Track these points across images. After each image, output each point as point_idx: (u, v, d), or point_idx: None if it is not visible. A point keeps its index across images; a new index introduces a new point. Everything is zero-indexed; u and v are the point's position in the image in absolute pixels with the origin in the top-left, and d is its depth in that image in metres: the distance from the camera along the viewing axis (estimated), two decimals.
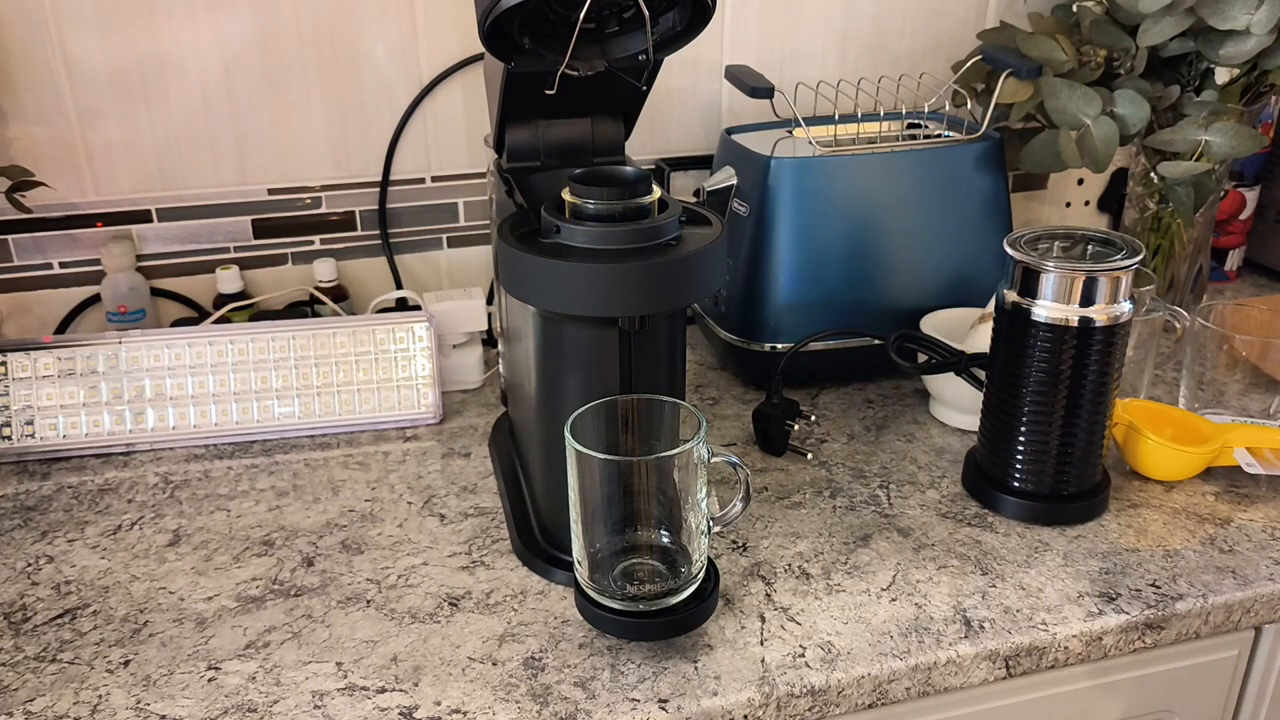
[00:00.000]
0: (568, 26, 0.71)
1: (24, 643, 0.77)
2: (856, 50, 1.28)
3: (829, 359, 1.10)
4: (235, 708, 0.70)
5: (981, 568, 0.84)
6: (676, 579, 0.75)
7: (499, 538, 0.89)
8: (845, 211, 1.06)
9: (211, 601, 0.81)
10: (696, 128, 1.26)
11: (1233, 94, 1.12)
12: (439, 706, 0.71)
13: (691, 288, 0.75)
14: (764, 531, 0.89)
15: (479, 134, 1.19)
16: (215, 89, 1.11)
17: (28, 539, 0.89)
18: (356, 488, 0.96)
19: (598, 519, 0.74)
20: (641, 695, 0.71)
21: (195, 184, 1.14)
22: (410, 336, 1.06)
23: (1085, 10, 1.14)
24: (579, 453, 0.71)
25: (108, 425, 1.01)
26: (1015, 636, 0.77)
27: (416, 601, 0.81)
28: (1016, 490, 0.91)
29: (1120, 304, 0.85)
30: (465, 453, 1.02)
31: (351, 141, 1.17)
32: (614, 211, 0.74)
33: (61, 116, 1.08)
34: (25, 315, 1.15)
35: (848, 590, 0.82)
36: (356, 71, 1.14)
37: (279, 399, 1.03)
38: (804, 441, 1.03)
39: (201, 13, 1.07)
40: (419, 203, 1.21)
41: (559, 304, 0.74)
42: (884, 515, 0.91)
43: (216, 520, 0.91)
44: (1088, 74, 1.12)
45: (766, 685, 0.72)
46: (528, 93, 0.78)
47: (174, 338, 1.03)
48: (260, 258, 1.19)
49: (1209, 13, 1.03)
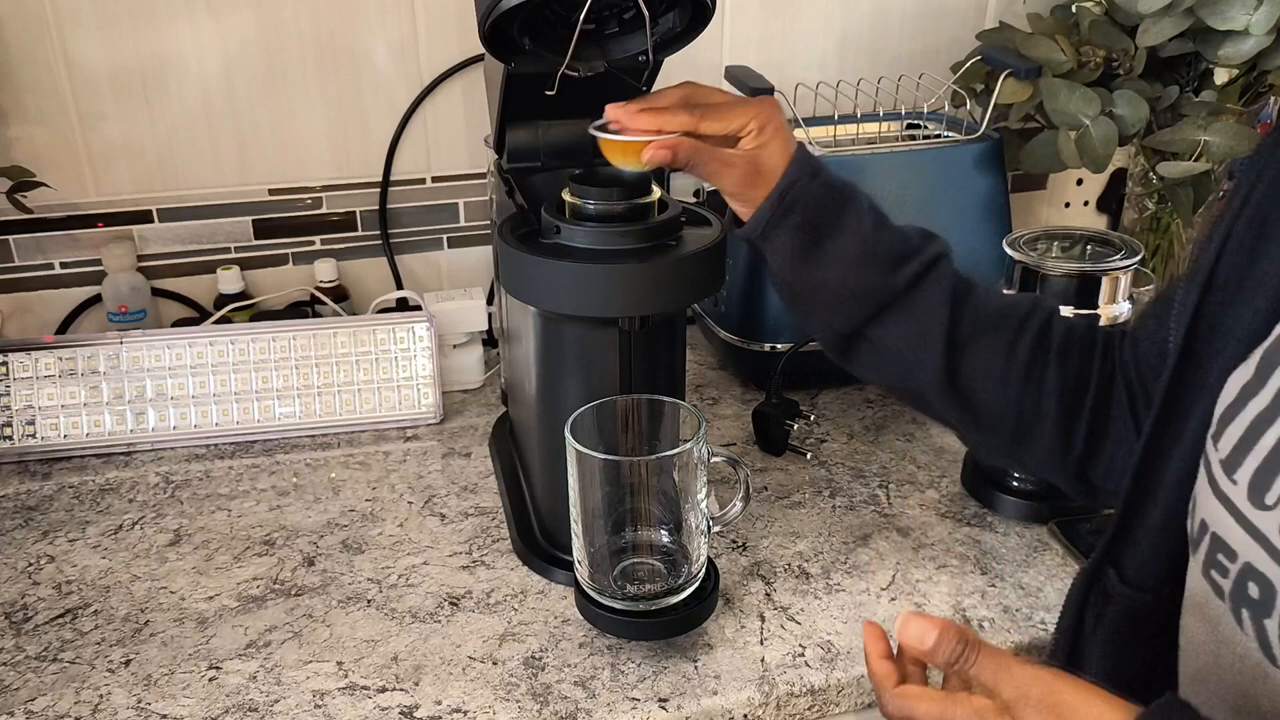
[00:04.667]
0: (568, 27, 0.71)
1: (25, 642, 0.77)
2: (856, 51, 1.28)
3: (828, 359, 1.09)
4: (236, 707, 0.71)
5: (981, 567, 0.85)
6: (676, 579, 0.75)
7: (499, 537, 0.89)
8: None
9: (212, 601, 0.81)
10: None
11: (1231, 94, 1.12)
12: (439, 706, 0.71)
13: (691, 288, 0.75)
14: (764, 531, 0.89)
15: (479, 134, 1.19)
16: (216, 89, 1.11)
17: (29, 539, 0.89)
18: (357, 487, 0.96)
19: (598, 519, 0.74)
20: (641, 695, 0.71)
21: (196, 184, 1.14)
22: (411, 336, 1.06)
23: (1084, 11, 1.14)
24: (579, 453, 0.71)
25: (109, 425, 1.01)
26: (1015, 636, 0.77)
27: (417, 601, 0.81)
28: (1016, 490, 0.91)
29: (1119, 304, 0.85)
30: (466, 453, 1.02)
31: (352, 142, 1.17)
32: (614, 212, 0.74)
33: (62, 117, 1.08)
34: (26, 315, 1.15)
35: (847, 590, 0.82)
36: (357, 72, 1.14)
37: (280, 399, 1.04)
38: (804, 441, 1.03)
39: (202, 13, 1.07)
40: (419, 203, 1.21)
41: (559, 304, 0.74)
42: (883, 515, 0.92)
43: (217, 520, 0.92)
44: (1087, 75, 1.12)
45: (766, 684, 0.72)
46: (528, 93, 0.78)
47: (175, 338, 1.03)
48: (261, 258, 1.19)
49: (1208, 13, 1.03)
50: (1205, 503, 0.53)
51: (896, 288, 0.70)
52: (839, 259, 0.70)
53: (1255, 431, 0.51)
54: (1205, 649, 0.54)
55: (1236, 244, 0.57)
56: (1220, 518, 0.52)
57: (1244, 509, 0.50)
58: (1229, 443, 0.52)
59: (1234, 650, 0.51)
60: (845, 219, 0.71)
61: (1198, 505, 0.54)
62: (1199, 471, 0.55)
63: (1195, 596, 0.55)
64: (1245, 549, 0.50)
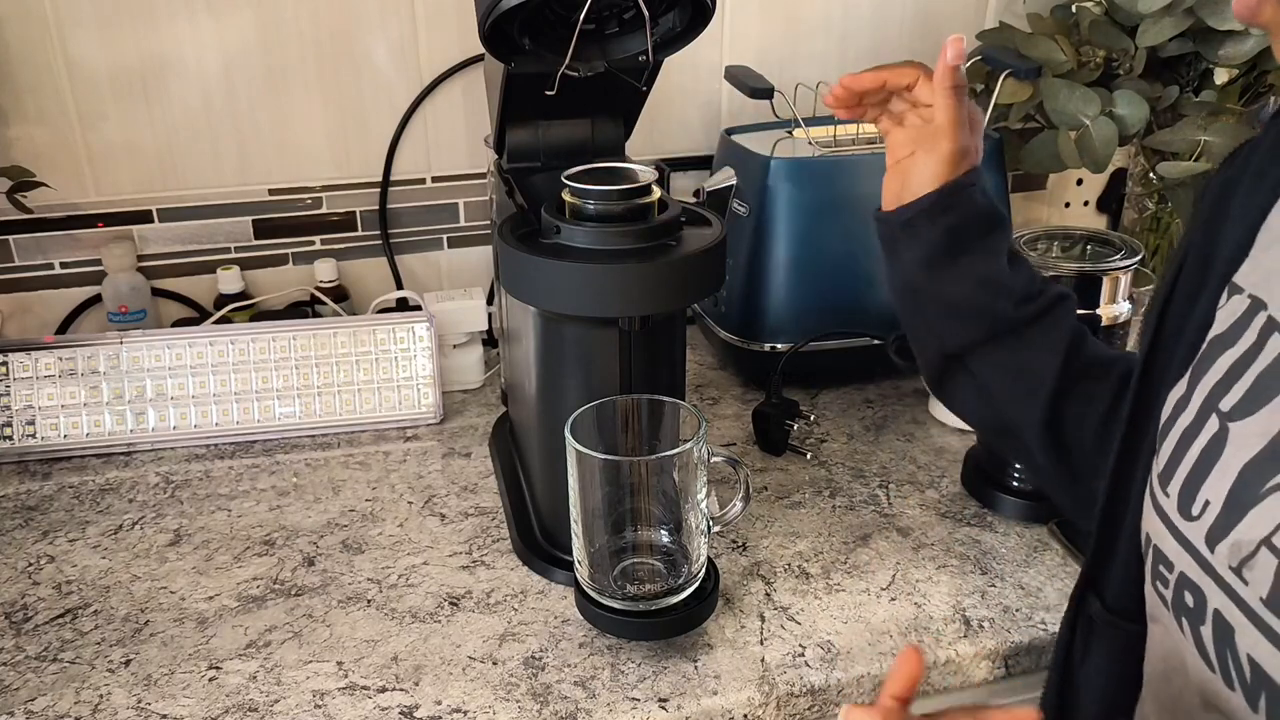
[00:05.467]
0: (568, 27, 0.71)
1: (25, 642, 0.77)
2: (856, 51, 1.28)
3: (829, 359, 1.10)
4: (236, 707, 0.71)
5: (981, 567, 0.85)
6: (676, 579, 0.75)
7: (499, 537, 0.89)
8: (845, 212, 1.06)
9: (212, 601, 0.81)
10: (696, 128, 1.26)
11: (1231, 94, 1.12)
12: (439, 706, 0.71)
13: (691, 288, 0.75)
14: (764, 531, 0.89)
15: (479, 134, 1.19)
16: (216, 90, 1.11)
17: (29, 539, 0.89)
18: (357, 487, 0.96)
19: (598, 519, 0.74)
20: (641, 694, 0.71)
21: (196, 184, 1.14)
22: (411, 336, 1.06)
23: (1084, 11, 1.14)
24: (579, 453, 0.71)
25: (109, 425, 1.01)
26: (1014, 636, 0.77)
27: (417, 601, 0.81)
28: (1016, 490, 0.91)
29: (1119, 304, 0.85)
30: (465, 453, 1.02)
31: (352, 142, 1.17)
32: (614, 212, 0.74)
33: (63, 117, 1.08)
34: (26, 315, 1.15)
35: (847, 590, 0.82)
36: (357, 72, 1.14)
37: (280, 399, 1.04)
38: (804, 441, 1.03)
39: (202, 13, 1.07)
40: (419, 203, 1.21)
41: (559, 304, 0.74)
42: (883, 515, 0.92)
43: (217, 520, 0.92)
44: (1087, 74, 1.12)
45: (766, 684, 0.72)
46: (528, 93, 0.79)
47: (175, 338, 1.03)
48: (261, 258, 1.19)
49: (1208, 13, 1.03)
50: (1147, 516, 0.55)
51: (1018, 318, 0.70)
52: (970, 275, 0.70)
53: (1184, 444, 0.52)
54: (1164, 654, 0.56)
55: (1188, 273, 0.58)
56: (1158, 530, 0.53)
57: (1175, 520, 0.51)
58: (1164, 456, 0.54)
59: (1185, 656, 0.52)
60: (990, 240, 0.70)
61: (1144, 519, 0.56)
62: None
63: (1151, 607, 0.57)
64: (1179, 559, 0.51)
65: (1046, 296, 0.70)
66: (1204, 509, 0.50)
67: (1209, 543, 0.49)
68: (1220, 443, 0.50)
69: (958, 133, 0.70)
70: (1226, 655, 0.48)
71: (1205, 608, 0.49)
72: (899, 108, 0.74)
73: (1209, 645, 0.49)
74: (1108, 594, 0.61)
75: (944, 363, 0.73)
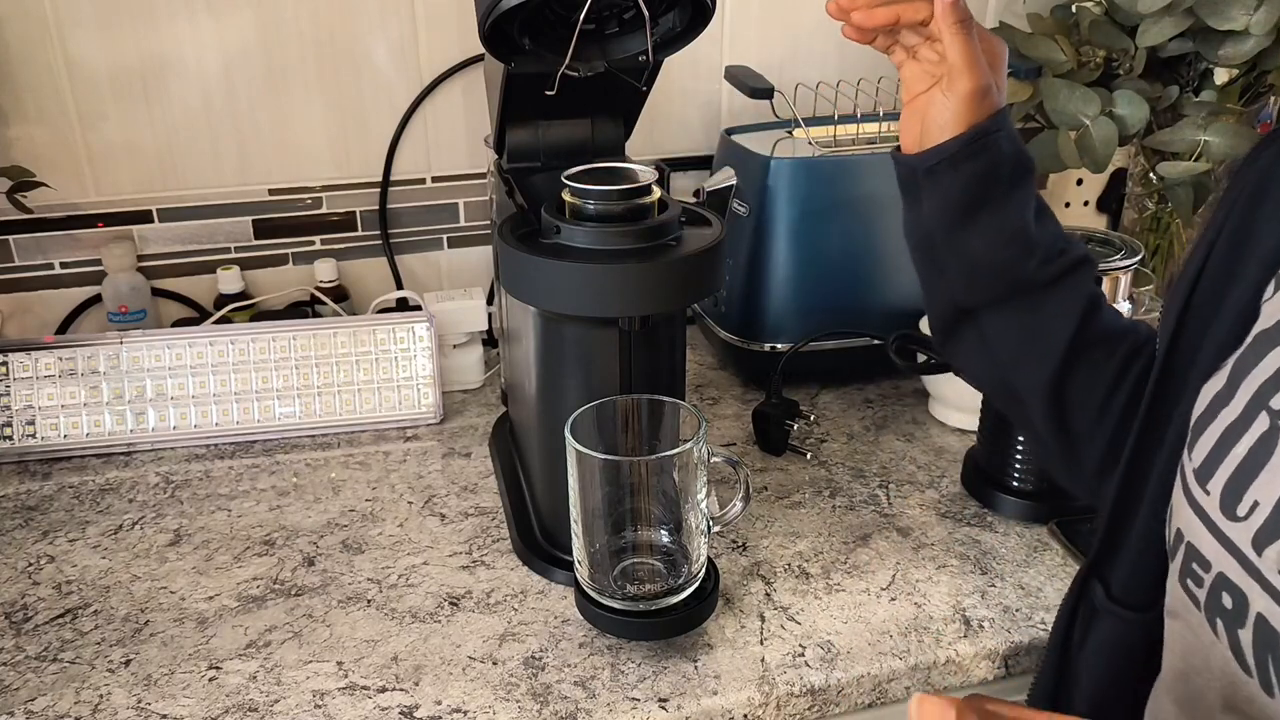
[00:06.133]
0: (568, 27, 0.71)
1: (25, 642, 0.77)
2: (856, 50, 1.27)
3: (829, 359, 1.10)
4: (236, 707, 0.71)
5: (981, 567, 0.85)
6: (676, 579, 0.75)
7: (499, 537, 0.89)
8: (845, 212, 1.06)
9: (212, 601, 0.81)
10: (696, 128, 1.26)
11: (1231, 94, 1.12)
12: (439, 706, 0.71)
13: (691, 288, 0.75)
14: (764, 531, 0.89)
15: (479, 134, 1.19)
16: (216, 89, 1.11)
17: (29, 539, 0.89)
18: (357, 487, 0.96)
19: (598, 519, 0.74)
20: (641, 694, 0.71)
21: (196, 184, 1.14)
22: (411, 336, 1.06)
23: (1084, 11, 1.14)
24: (579, 453, 0.71)
25: (109, 425, 1.01)
26: (1014, 636, 0.77)
27: (417, 601, 0.81)
28: (1016, 490, 0.91)
29: (1119, 304, 0.85)
30: (465, 453, 1.02)
31: (352, 142, 1.17)
32: (614, 212, 0.74)
33: (62, 117, 1.08)
34: (26, 315, 1.15)
35: (847, 590, 0.82)
36: (357, 72, 1.14)
37: (280, 399, 1.04)
38: (804, 441, 1.03)
39: (202, 13, 1.07)
40: (419, 203, 1.21)
41: (559, 304, 0.74)
42: (883, 515, 0.92)
43: (217, 520, 0.92)
44: (1087, 74, 1.12)
45: (766, 684, 0.72)
46: (528, 93, 0.79)
47: (175, 338, 1.03)
48: (261, 258, 1.19)
49: (1208, 13, 1.03)
50: (1180, 512, 0.53)
51: (1039, 279, 0.67)
52: (993, 229, 0.66)
53: (1227, 442, 0.51)
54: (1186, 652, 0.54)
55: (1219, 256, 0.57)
56: (1194, 527, 0.52)
57: (1216, 519, 0.50)
58: (1202, 452, 0.52)
59: (1212, 657, 0.51)
60: (1016, 192, 0.66)
61: (1174, 514, 0.54)
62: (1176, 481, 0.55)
63: (1174, 604, 0.55)
64: (1218, 559, 0.50)
65: (1069, 257, 0.68)
66: (1251, 510, 0.48)
67: (1256, 545, 0.47)
68: (1271, 443, 0.48)
69: (975, 70, 0.65)
70: (1268, 660, 0.47)
71: (1247, 611, 0.47)
72: (911, 40, 0.69)
73: (1247, 649, 0.48)
74: (1114, 583, 0.60)
75: (956, 316, 0.71)
